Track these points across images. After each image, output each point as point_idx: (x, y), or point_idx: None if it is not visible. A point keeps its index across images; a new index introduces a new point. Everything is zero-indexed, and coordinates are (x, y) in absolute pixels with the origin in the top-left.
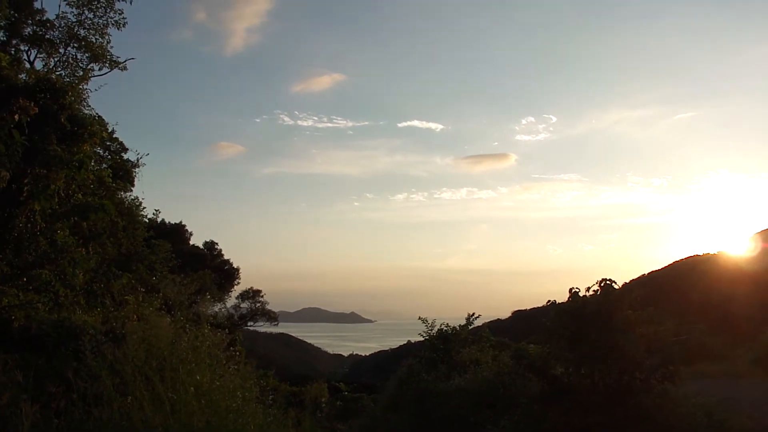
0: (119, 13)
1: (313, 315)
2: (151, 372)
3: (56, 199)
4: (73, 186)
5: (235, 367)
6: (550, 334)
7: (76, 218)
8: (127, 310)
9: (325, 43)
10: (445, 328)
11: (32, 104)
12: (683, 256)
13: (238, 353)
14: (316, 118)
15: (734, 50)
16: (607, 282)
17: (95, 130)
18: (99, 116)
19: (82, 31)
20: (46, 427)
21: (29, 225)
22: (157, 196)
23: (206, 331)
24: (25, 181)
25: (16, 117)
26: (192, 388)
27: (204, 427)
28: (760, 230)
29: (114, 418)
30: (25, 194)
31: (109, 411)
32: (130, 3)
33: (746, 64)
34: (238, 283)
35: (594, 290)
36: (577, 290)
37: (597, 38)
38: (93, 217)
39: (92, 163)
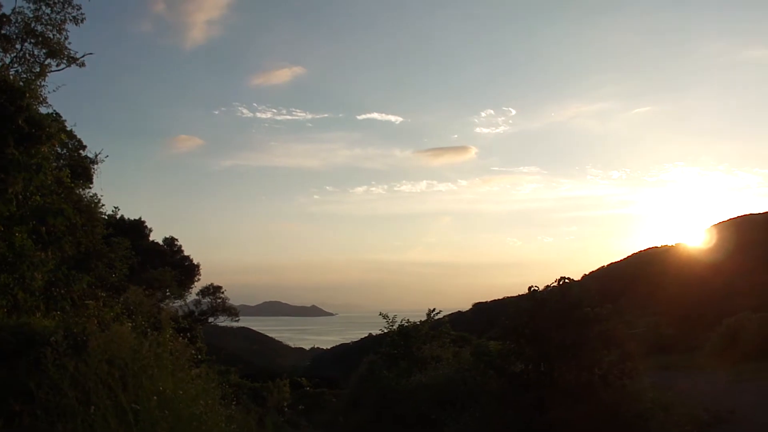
0: (77, 9)
1: (274, 309)
2: (113, 382)
3: (14, 203)
4: (32, 188)
5: (197, 370)
6: (509, 331)
7: (34, 222)
8: (87, 314)
9: (285, 36)
10: (405, 324)
11: None
12: (642, 248)
13: (199, 355)
14: (275, 111)
15: (689, 46)
16: (566, 280)
17: (53, 132)
18: (57, 114)
19: (39, 27)
20: None
21: None
22: (115, 191)
23: (168, 336)
24: None
25: None
26: (155, 397)
27: None
28: (715, 222)
29: None
30: None
31: (73, 424)
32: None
33: (701, 59)
34: (199, 279)
35: (553, 287)
36: (536, 288)
37: (555, 33)
38: (52, 221)
39: (51, 163)
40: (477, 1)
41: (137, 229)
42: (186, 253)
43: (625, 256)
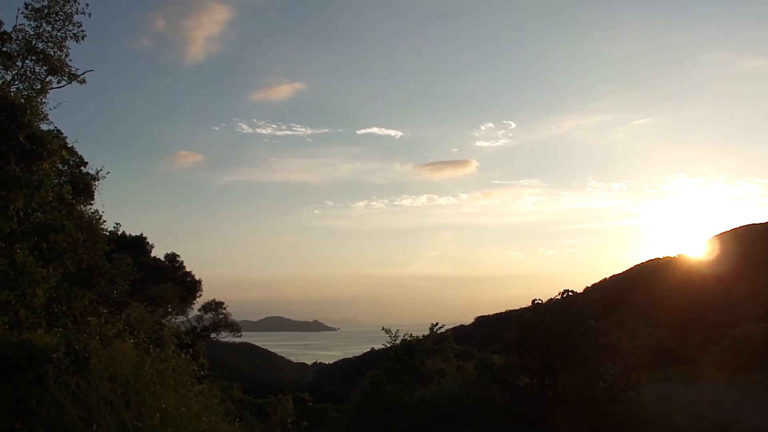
0: (78, 26)
1: (276, 324)
2: (116, 399)
3: (15, 220)
4: (33, 205)
5: (200, 387)
6: (512, 345)
7: (35, 238)
8: (89, 331)
9: (284, 52)
10: (408, 339)
11: None
12: (644, 260)
13: (201, 371)
14: (274, 126)
15: (688, 57)
16: (569, 293)
17: (54, 148)
18: (58, 130)
19: (40, 44)
20: None
21: None
22: (116, 207)
23: (170, 352)
24: None
25: None
26: (158, 415)
27: None
28: (717, 233)
29: None
30: None
31: None
32: (89, 16)
33: (700, 70)
34: (200, 294)
35: (556, 300)
36: (540, 301)
37: (554, 45)
38: (53, 238)
39: (52, 179)
40: (475, 15)
41: (139, 245)
42: (187, 269)
43: (628, 268)
